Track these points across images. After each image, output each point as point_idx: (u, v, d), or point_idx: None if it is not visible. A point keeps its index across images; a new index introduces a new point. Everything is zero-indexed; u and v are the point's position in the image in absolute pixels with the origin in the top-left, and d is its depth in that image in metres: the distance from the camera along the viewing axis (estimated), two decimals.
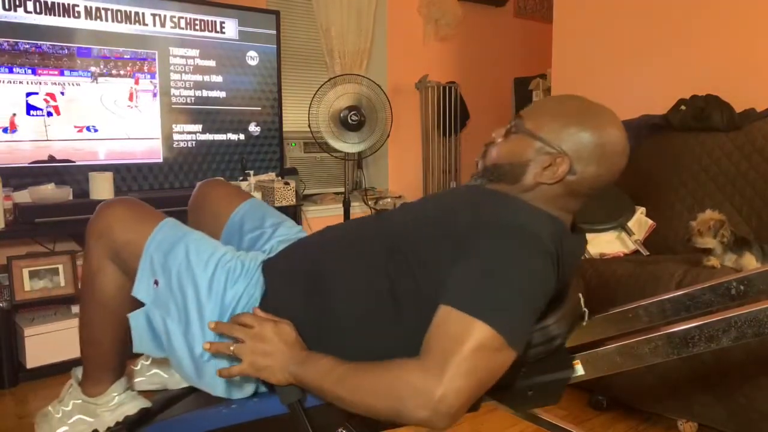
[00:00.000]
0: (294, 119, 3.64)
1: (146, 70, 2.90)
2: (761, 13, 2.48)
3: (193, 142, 3.10)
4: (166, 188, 3.02)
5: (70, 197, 2.56)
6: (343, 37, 3.68)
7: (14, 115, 2.58)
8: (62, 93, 2.67)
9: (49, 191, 2.50)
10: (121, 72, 2.82)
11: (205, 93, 3.11)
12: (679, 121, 2.46)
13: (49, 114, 2.65)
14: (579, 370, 1.04)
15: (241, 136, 3.24)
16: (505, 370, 0.88)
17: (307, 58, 3.75)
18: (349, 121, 3.23)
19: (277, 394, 0.99)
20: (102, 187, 2.59)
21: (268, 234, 1.31)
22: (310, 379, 0.94)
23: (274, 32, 3.26)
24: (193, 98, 3.07)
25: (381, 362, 0.88)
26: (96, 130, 2.77)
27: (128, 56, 2.83)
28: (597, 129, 1.01)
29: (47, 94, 2.64)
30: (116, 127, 2.84)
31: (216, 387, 1.07)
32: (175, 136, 3.06)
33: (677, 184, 2.37)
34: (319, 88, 3.23)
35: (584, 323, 1.16)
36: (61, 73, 2.67)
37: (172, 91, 3.02)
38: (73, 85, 2.71)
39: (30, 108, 2.62)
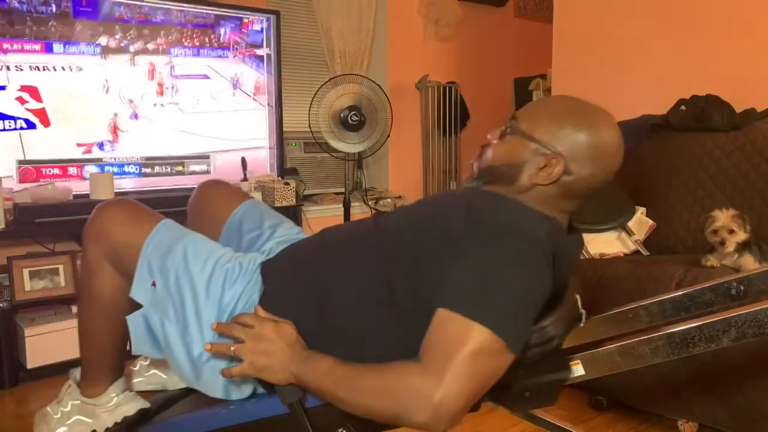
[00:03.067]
0: (294, 119, 3.64)
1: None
2: (761, 14, 2.48)
3: None
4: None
5: (71, 197, 2.56)
6: (343, 37, 3.68)
7: None
8: (53, 85, 1.94)
9: (50, 191, 2.49)
10: (153, 45, 2.22)
11: None
12: (679, 121, 2.46)
13: (30, 124, 1.87)
14: (579, 370, 1.04)
15: None
16: (503, 372, 0.88)
17: (307, 58, 3.74)
18: (350, 121, 3.23)
19: (278, 394, 0.99)
20: (102, 187, 2.58)
21: (267, 235, 1.31)
22: (311, 379, 0.94)
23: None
24: None
25: (381, 365, 0.88)
26: (112, 148, 2.25)
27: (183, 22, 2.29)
28: (592, 129, 1.01)
29: (23, 89, 1.81)
30: (140, 135, 2.47)
31: (214, 388, 1.07)
32: None
33: (677, 184, 2.37)
34: (320, 88, 3.22)
35: (582, 324, 1.16)
36: (48, 49, 1.78)
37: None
38: (70, 69, 1.95)
39: None
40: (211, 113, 3.06)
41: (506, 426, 1.97)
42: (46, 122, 1.97)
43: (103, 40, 2.16)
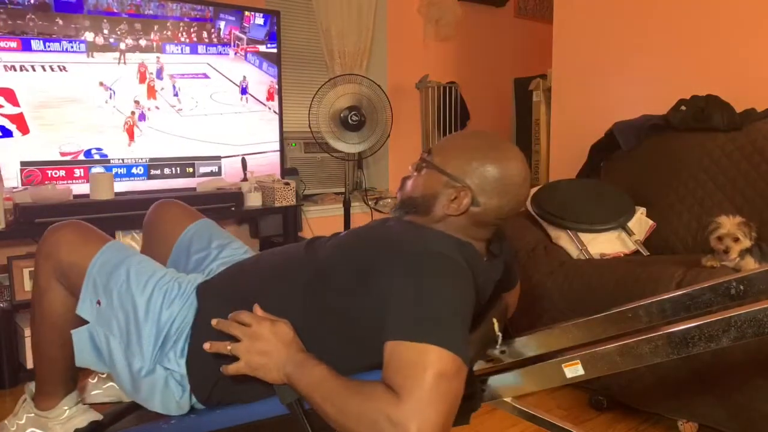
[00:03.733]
0: (294, 119, 3.64)
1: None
2: (761, 14, 2.48)
3: None
4: None
5: (71, 197, 2.56)
6: (343, 37, 3.68)
7: None
8: (29, 86, 1.68)
9: (50, 191, 2.50)
10: (146, 42, 1.99)
11: None
12: (679, 121, 2.46)
13: (5, 132, 1.67)
14: (579, 369, 1.04)
15: None
16: (463, 388, 0.89)
17: (307, 58, 3.75)
18: (350, 121, 3.23)
19: (276, 394, 0.99)
20: (102, 187, 2.59)
21: (213, 255, 1.36)
22: (302, 385, 0.95)
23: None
24: None
25: (369, 388, 0.89)
26: (103, 155, 2.12)
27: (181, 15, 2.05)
28: (498, 163, 1.08)
29: None
30: (125, 144, 2.35)
31: (152, 402, 1.12)
32: None
33: (677, 184, 2.37)
34: (320, 88, 3.23)
35: (498, 347, 1.23)
36: (25, 46, 1.59)
37: None
38: (51, 69, 1.76)
39: None
40: (215, 116, 3.04)
41: (506, 426, 1.97)
42: (24, 129, 1.79)
43: (89, 36, 1.97)
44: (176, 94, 2.82)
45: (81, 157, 2.25)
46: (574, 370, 1.05)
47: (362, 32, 3.75)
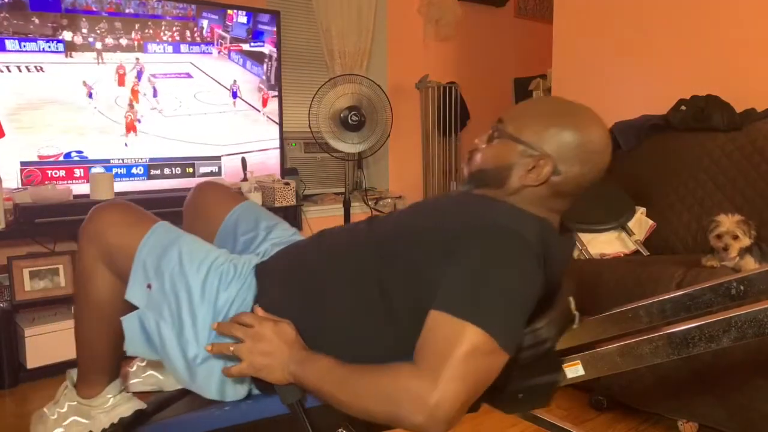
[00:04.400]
0: (294, 119, 3.64)
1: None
2: (761, 14, 2.48)
3: None
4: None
5: (71, 197, 2.56)
6: (343, 37, 3.68)
7: None
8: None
9: (50, 191, 2.49)
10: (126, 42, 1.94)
11: None
12: (679, 121, 2.46)
13: None
14: (579, 370, 1.04)
15: None
16: (498, 373, 0.88)
17: (307, 58, 3.74)
18: (350, 121, 3.23)
19: (278, 394, 0.99)
20: (102, 188, 2.58)
21: (262, 236, 1.32)
22: (309, 380, 0.94)
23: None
24: None
25: (379, 366, 0.88)
26: (83, 157, 2.03)
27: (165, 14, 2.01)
28: (578, 128, 1.01)
29: None
30: (112, 146, 2.30)
31: (209, 389, 1.08)
32: None
33: (677, 184, 2.37)
34: (320, 88, 3.22)
35: (575, 326, 1.16)
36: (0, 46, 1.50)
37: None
38: (27, 69, 1.70)
39: None
40: (198, 116, 2.99)
41: (506, 426, 1.97)
42: None
43: (67, 36, 1.92)
44: (154, 96, 2.77)
45: (61, 159, 2.21)
46: (574, 370, 1.04)
47: (362, 32, 3.75)
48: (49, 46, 1.83)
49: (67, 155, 2.05)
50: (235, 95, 3.10)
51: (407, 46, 4.00)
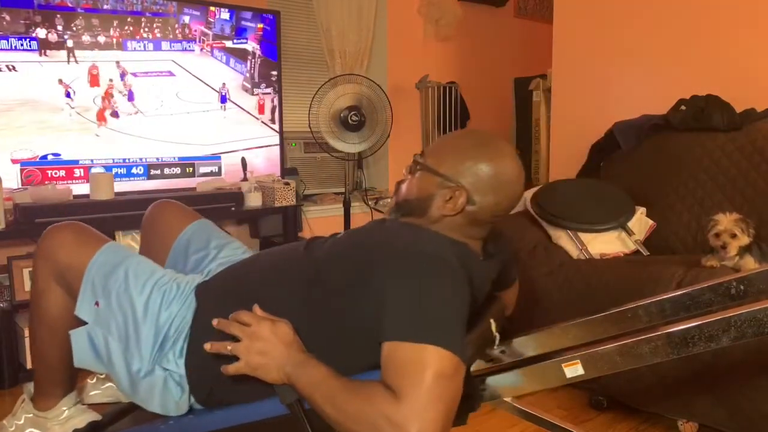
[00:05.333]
0: (294, 119, 3.64)
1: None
2: (761, 14, 2.48)
3: None
4: None
5: (71, 197, 2.56)
6: (343, 37, 3.68)
7: None
8: None
9: (50, 191, 2.50)
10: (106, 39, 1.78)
11: None
12: (679, 121, 2.46)
13: None
14: (578, 369, 1.04)
15: None
16: (462, 386, 0.89)
17: (307, 58, 3.74)
18: (350, 121, 3.23)
19: (276, 394, 0.99)
20: (102, 188, 2.58)
21: (212, 256, 1.36)
22: (302, 385, 0.95)
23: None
24: None
25: (368, 388, 0.89)
26: (55, 162, 1.91)
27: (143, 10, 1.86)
28: (491, 161, 1.09)
29: None
30: (88, 147, 2.19)
31: (151, 402, 1.12)
32: None
33: (677, 184, 2.37)
34: (320, 88, 3.22)
35: (497, 347, 1.23)
36: None
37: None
38: None
39: None
40: (181, 115, 2.94)
41: (506, 426, 1.97)
42: None
43: (40, 33, 1.83)
44: (131, 98, 2.71)
45: (37, 161, 2.14)
46: (574, 370, 1.05)
47: (362, 32, 3.75)
48: (22, 44, 1.74)
49: (43, 158, 1.98)
50: (224, 100, 3.08)
51: (407, 46, 4.00)
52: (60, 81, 2.23)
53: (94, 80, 2.32)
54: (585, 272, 2.10)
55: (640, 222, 2.32)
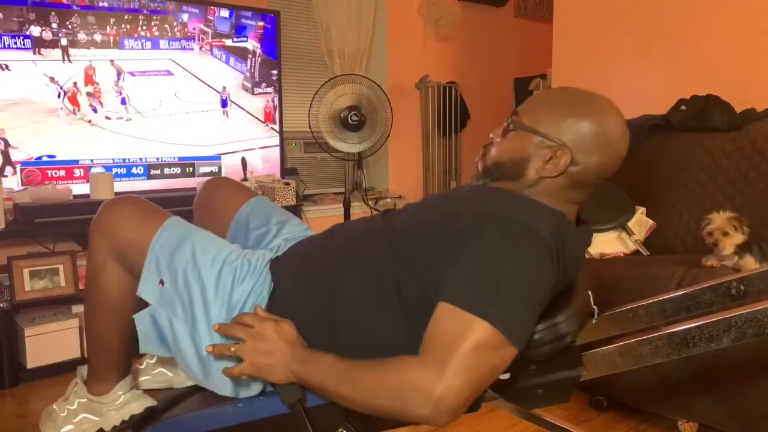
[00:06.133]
0: (294, 119, 3.64)
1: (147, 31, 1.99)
2: (761, 14, 2.48)
3: None
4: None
5: (71, 197, 2.56)
6: (343, 37, 3.68)
7: None
8: None
9: (50, 191, 2.49)
10: (101, 38, 1.72)
11: None
12: (679, 121, 2.46)
13: None
14: (579, 369, 1.04)
15: None
16: (506, 367, 0.87)
17: (307, 58, 3.74)
18: (350, 121, 3.23)
19: (278, 394, 0.99)
20: (102, 187, 2.58)
21: (274, 232, 1.31)
22: (312, 378, 0.94)
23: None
24: None
25: (382, 360, 0.88)
26: (56, 162, 1.89)
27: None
28: (595, 117, 1.00)
29: None
30: (88, 147, 2.18)
31: (223, 386, 1.07)
32: None
33: (677, 184, 2.37)
34: (319, 88, 3.22)
35: (593, 321, 1.16)
36: None
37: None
38: None
39: None
40: (180, 114, 2.91)
41: (506, 426, 1.97)
42: None
43: (35, 31, 1.78)
44: (124, 101, 2.66)
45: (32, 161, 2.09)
46: (585, 367, 1.04)
47: (362, 32, 3.75)
48: (15, 43, 1.70)
49: (38, 158, 1.93)
50: (225, 104, 3.06)
51: (407, 46, 4.00)
52: (52, 79, 2.19)
53: (89, 80, 2.29)
54: (585, 272, 2.10)
55: (640, 222, 2.32)
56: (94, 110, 2.53)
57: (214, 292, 1.07)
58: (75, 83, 2.33)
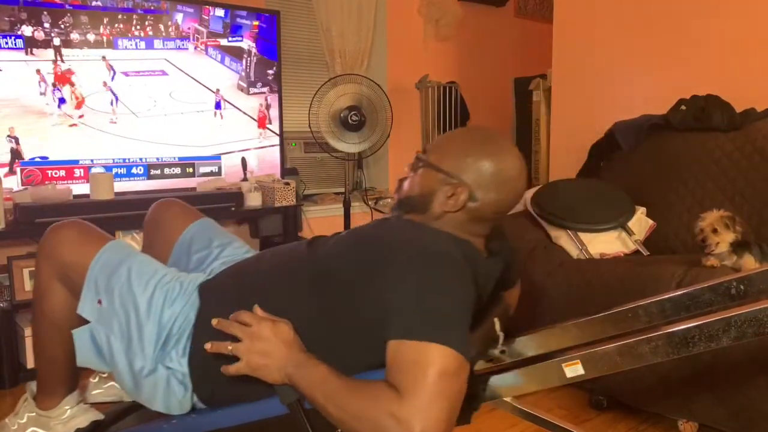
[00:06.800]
0: (294, 119, 3.64)
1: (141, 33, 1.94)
2: (761, 14, 2.48)
3: None
4: None
5: (71, 197, 2.56)
6: (343, 37, 3.68)
7: None
8: None
9: (50, 191, 2.50)
10: (93, 37, 1.70)
11: None
12: (679, 121, 2.46)
13: None
14: (579, 369, 1.04)
15: None
16: (466, 386, 0.89)
17: (307, 58, 3.74)
18: (350, 121, 3.23)
19: (276, 394, 0.99)
20: (102, 188, 2.58)
21: (215, 255, 1.36)
22: (303, 385, 0.96)
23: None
24: None
25: (371, 387, 0.89)
26: (49, 163, 1.89)
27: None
28: (493, 157, 1.09)
29: None
30: (80, 148, 2.16)
31: (154, 401, 1.12)
32: None
33: (677, 184, 2.37)
34: (320, 88, 3.22)
35: (499, 347, 1.22)
36: None
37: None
38: None
39: None
40: (175, 115, 2.89)
41: (506, 426, 1.97)
42: None
43: (26, 31, 1.75)
44: (117, 101, 2.64)
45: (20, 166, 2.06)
46: (574, 369, 1.05)
47: (362, 32, 3.75)
48: (7, 43, 1.67)
49: (31, 160, 1.92)
50: (218, 106, 3.05)
51: (407, 46, 4.00)
52: (44, 79, 2.18)
53: (81, 80, 2.28)
54: (585, 272, 2.10)
55: (640, 222, 2.32)
56: (86, 110, 2.53)
57: (146, 313, 1.13)
58: (67, 83, 2.32)
